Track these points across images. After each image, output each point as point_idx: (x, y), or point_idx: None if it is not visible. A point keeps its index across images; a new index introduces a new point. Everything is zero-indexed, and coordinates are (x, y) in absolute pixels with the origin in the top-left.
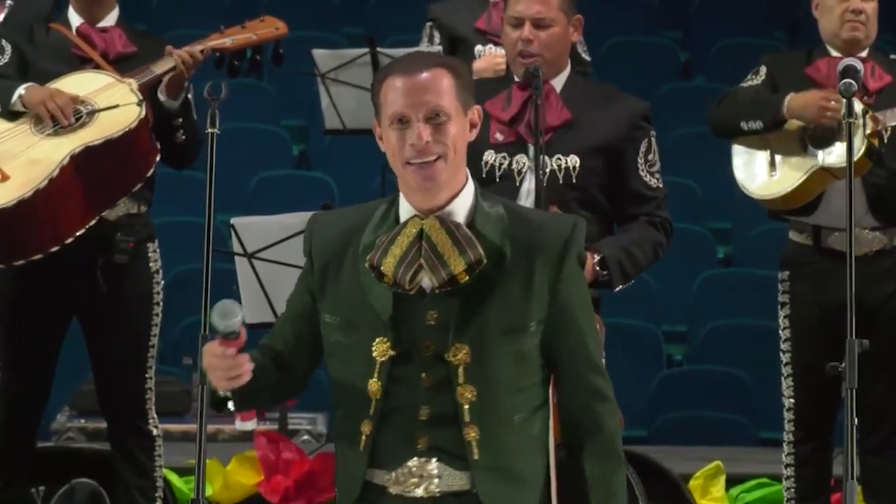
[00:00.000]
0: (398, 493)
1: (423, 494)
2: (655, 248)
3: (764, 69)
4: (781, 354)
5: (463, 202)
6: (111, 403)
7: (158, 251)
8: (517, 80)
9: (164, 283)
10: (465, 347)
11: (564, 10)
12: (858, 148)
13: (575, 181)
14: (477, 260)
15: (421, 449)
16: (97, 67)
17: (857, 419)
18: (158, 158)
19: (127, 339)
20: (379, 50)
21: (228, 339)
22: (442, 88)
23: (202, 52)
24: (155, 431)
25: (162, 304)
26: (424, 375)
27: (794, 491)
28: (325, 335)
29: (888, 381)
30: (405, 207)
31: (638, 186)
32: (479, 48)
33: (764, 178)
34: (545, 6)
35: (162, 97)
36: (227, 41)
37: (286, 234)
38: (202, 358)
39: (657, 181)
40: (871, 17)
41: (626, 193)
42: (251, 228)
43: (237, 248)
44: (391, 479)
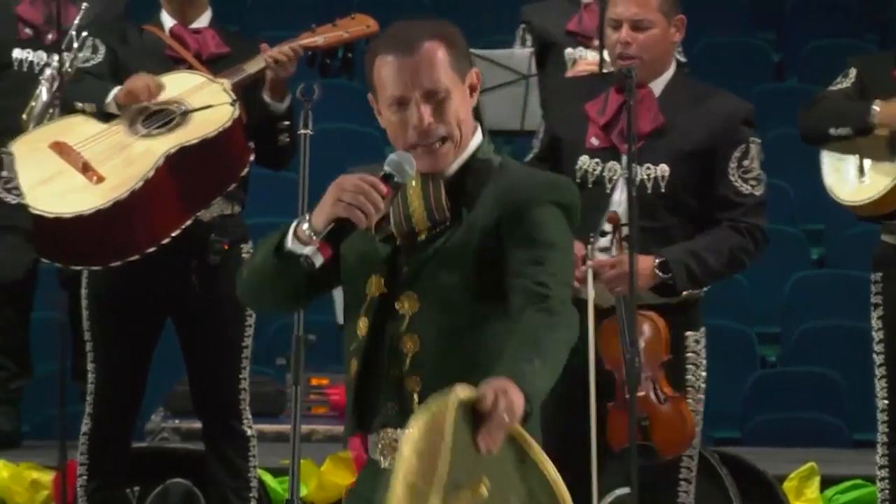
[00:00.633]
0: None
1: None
2: (735, 253)
3: (853, 72)
4: (874, 356)
5: (458, 161)
6: (205, 404)
7: (252, 252)
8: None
9: None
10: (413, 296)
11: (664, 10)
12: None
13: (664, 190)
14: (440, 221)
15: (395, 409)
16: (190, 68)
17: None
18: (253, 159)
19: (221, 340)
20: (472, 51)
21: (388, 181)
22: (436, 63)
23: (293, 51)
24: (249, 432)
25: None
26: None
27: (888, 493)
28: (342, 267)
29: None
30: None
31: (726, 191)
32: (569, 51)
33: (853, 183)
34: (643, 7)
35: (268, 100)
36: (318, 39)
37: None
38: (346, 182)
39: (751, 188)
40: None
41: (713, 197)
42: None
43: None
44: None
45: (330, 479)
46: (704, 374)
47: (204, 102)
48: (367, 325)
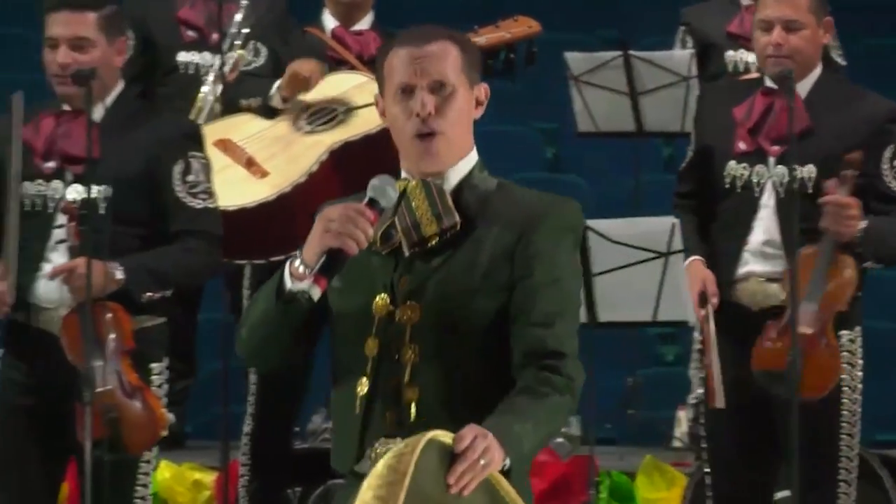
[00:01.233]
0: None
1: None
2: None
3: None
4: None
5: (457, 172)
6: None
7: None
8: (768, 85)
9: None
10: (415, 306)
11: (814, 11)
12: None
13: (810, 191)
14: (451, 225)
15: (394, 420)
16: (352, 69)
17: None
18: None
19: None
20: (631, 53)
21: (374, 207)
22: (448, 60)
23: None
24: None
25: None
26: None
27: None
28: (330, 301)
29: None
30: (403, 172)
31: (884, 190)
32: (729, 53)
33: None
34: (795, 9)
35: None
36: (480, 40)
37: None
38: (332, 212)
39: None
40: None
41: (867, 198)
42: None
43: None
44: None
45: None
46: (860, 373)
47: (368, 100)
48: (377, 344)
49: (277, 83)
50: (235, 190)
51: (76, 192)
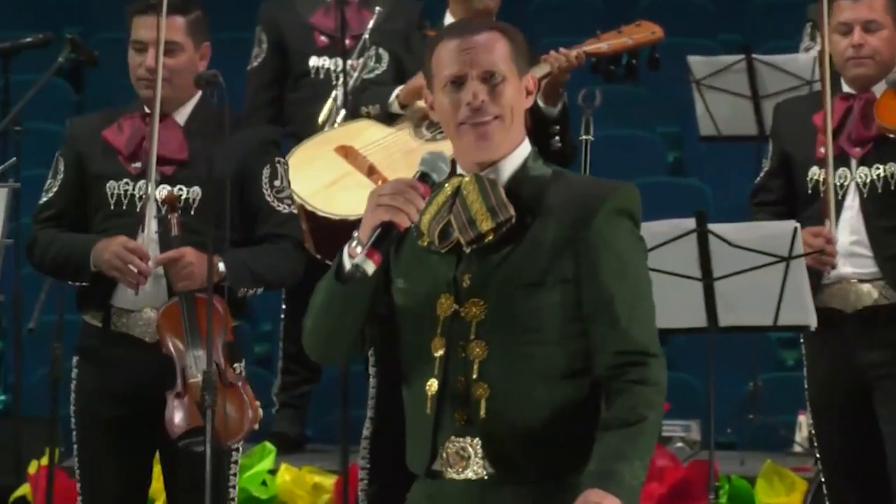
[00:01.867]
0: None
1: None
2: None
3: None
4: None
5: (511, 163)
6: None
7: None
8: (845, 90)
9: None
10: (479, 303)
11: (891, 11)
12: None
13: (894, 188)
14: (506, 219)
15: (462, 417)
16: None
17: None
18: None
19: None
20: (755, 56)
21: (425, 181)
22: (497, 50)
23: (577, 56)
24: None
25: None
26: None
27: None
28: (396, 301)
29: None
30: (458, 168)
31: None
32: None
33: None
34: (872, 10)
35: (541, 104)
36: (603, 45)
37: (656, 242)
38: (382, 187)
39: None
40: None
41: None
42: None
43: None
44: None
45: None
46: None
47: None
48: (443, 343)
49: (397, 90)
50: (355, 198)
51: (166, 192)
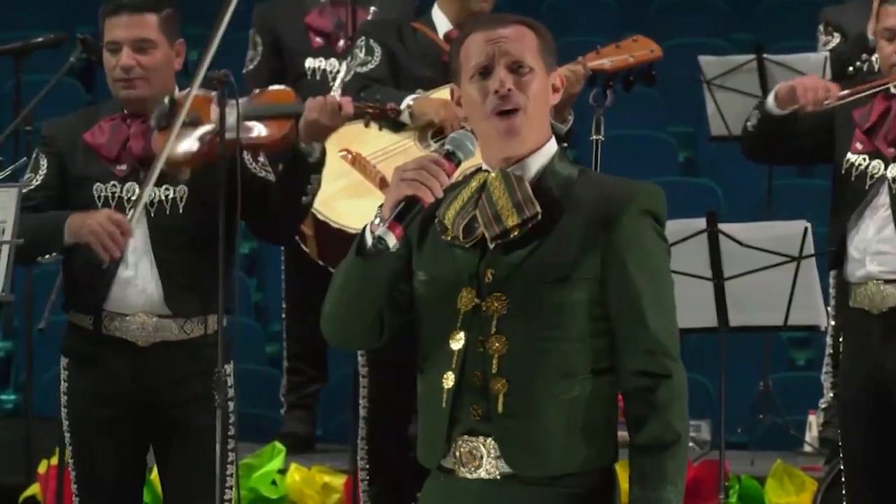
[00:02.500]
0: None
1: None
2: None
3: None
4: None
5: (538, 160)
6: None
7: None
8: (893, 90)
9: None
10: (501, 297)
11: None
12: None
13: None
14: (532, 215)
15: (479, 412)
16: None
17: None
18: None
19: None
20: (766, 56)
21: (451, 159)
22: (525, 42)
23: (584, 73)
24: None
25: None
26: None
27: None
28: (416, 293)
29: None
30: (483, 164)
31: None
32: (863, 57)
33: None
34: None
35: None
36: (605, 63)
37: (672, 240)
38: (407, 163)
39: None
40: None
41: None
42: None
43: None
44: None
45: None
46: None
47: None
48: (464, 337)
49: (409, 100)
50: (369, 211)
51: (154, 192)
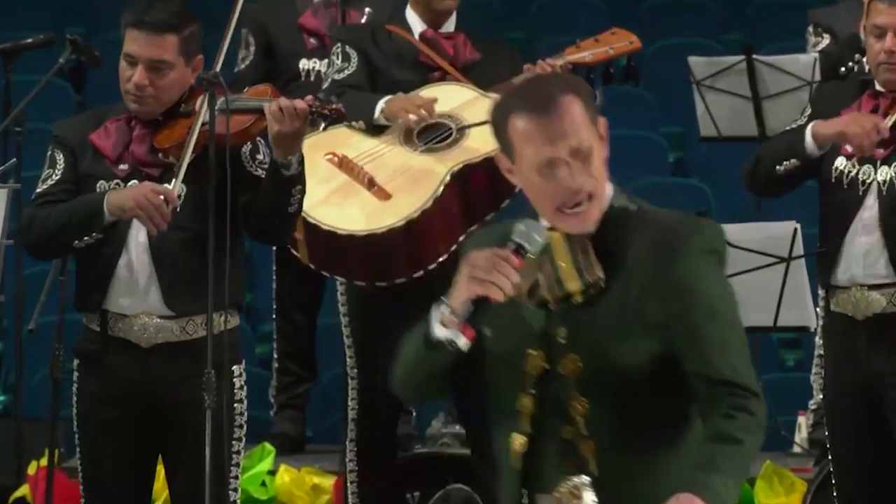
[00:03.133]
0: None
1: None
2: None
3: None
4: None
5: (598, 212)
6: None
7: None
8: (876, 88)
9: None
10: (576, 358)
11: None
12: None
13: None
14: (594, 281)
15: (570, 470)
16: (444, 76)
17: None
18: None
19: None
20: (755, 57)
21: (519, 253)
22: (577, 120)
23: (562, 67)
24: None
25: None
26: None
27: None
28: (483, 346)
29: None
30: (544, 221)
31: None
32: (856, 57)
33: None
34: None
35: None
36: (586, 55)
37: None
38: (477, 258)
39: None
40: None
41: None
42: None
43: None
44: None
45: None
46: None
47: (479, 118)
48: (532, 402)
49: (382, 104)
50: (358, 212)
51: None
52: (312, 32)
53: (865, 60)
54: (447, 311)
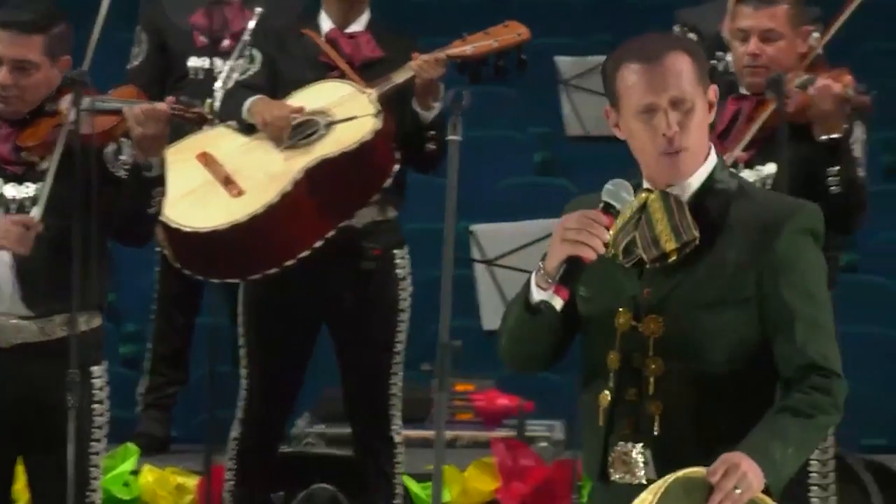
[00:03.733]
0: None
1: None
2: None
3: None
4: None
5: (698, 178)
6: (358, 409)
7: (408, 258)
8: (741, 91)
9: (412, 289)
10: (658, 319)
11: (792, 22)
12: None
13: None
14: (690, 240)
15: (633, 430)
16: (343, 75)
17: None
18: (402, 164)
19: (374, 344)
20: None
21: (609, 212)
22: (683, 73)
23: (438, 61)
24: (397, 438)
25: (409, 310)
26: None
27: None
28: (579, 309)
29: None
30: (644, 181)
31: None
32: (718, 55)
33: None
34: (771, 19)
35: (416, 108)
36: (468, 49)
37: (526, 240)
38: (568, 220)
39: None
40: None
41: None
42: (491, 235)
43: (476, 254)
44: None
45: (473, 484)
46: None
47: (349, 113)
48: (618, 358)
49: (248, 103)
50: (210, 209)
51: (15, 190)
52: (203, 30)
53: (729, 59)
54: (542, 273)
